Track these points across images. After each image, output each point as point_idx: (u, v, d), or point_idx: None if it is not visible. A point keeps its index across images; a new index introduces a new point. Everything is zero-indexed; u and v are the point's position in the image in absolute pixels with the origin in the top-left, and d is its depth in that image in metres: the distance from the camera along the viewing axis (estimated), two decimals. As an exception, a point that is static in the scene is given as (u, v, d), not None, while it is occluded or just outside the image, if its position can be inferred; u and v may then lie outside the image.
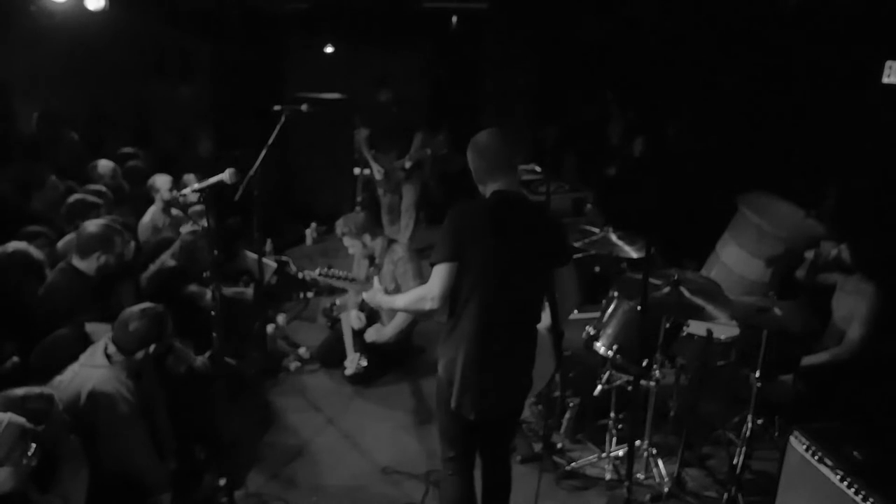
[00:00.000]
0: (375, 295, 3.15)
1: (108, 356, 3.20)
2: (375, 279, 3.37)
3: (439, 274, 2.69)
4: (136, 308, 3.30)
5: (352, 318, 4.84)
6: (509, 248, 2.70)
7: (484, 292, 2.70)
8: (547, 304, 2.94)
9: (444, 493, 3.09)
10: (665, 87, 6.71)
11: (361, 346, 4.84)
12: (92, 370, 3.15)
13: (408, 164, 6.64)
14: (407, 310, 3.04)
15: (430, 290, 2.70)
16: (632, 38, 7.16)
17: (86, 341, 3.43)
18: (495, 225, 2.70)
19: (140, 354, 3.22)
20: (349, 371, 4.79)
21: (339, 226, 4.77)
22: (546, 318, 2.93)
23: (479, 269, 2.68)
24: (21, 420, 2.53)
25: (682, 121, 6.73)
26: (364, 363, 4.78)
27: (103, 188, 4.99)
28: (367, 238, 4.74)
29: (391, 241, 4.88)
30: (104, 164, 5.63)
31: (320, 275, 3.60)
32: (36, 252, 3.84)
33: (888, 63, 4.86)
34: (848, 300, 4.08)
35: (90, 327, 3.50)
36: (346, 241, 4.79)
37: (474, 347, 2.74)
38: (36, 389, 2.80)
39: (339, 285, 3.72)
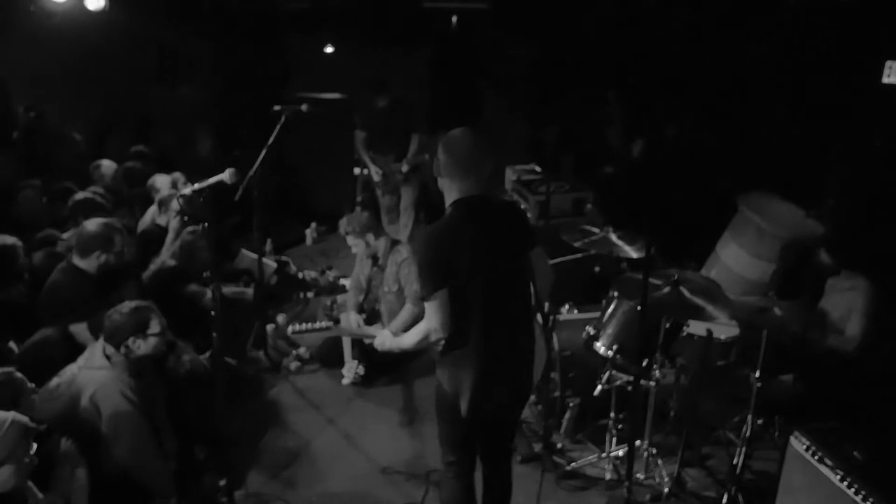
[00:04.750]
0: (385, 341, 3.13)
1: (107, 357, 3.19)
2: (380, 329, 3.33)
3: (432, 307, 2.69)
4: (124, 303, 3.30)
5: (351, 322, 4.84)
6: (488, 256, 2.71)
7: (479, 306, 2.71)
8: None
9: (443, 496, 3.09)
10: (665, 87, 6.71)
11: (360, 352, 4.83)
12: (92, 372, 3.15)
13: (405, 169, 6.64)
14: (417, 348, 2.99)
15: (430, 325, 2.72)
16: (632, 37, 7.16)
17: (70, 342, 3.42)
18: (467, 239, 2.70)
19: (124, 349, 3.18)
20: (347, 380, 4.79)
21: (343, 225, 4.79)
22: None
23: (468, 286, 2.69)
24: (24, 419, 2.54)
25: (681, 121, 6.73)
26: (361, 372, 4.78)
27: (101, 190, 5.01)
28: (370, 237, 4.75)
29: (395, 242, 4.88)
30: (107, 165, 5.64)
31: (293, 333, 3.55)
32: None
33: (888, 63, 4.86)
34: (842, 298, 4.07)
35: (74, 328, 3.49)
36: (350, 241, 4.80)
37: (483, 359, 2.74)
38: (4, 372, 2.81)
39: (312, 336, 3.66)
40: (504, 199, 4.80)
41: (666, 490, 3.69)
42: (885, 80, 4.90)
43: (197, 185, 3.28)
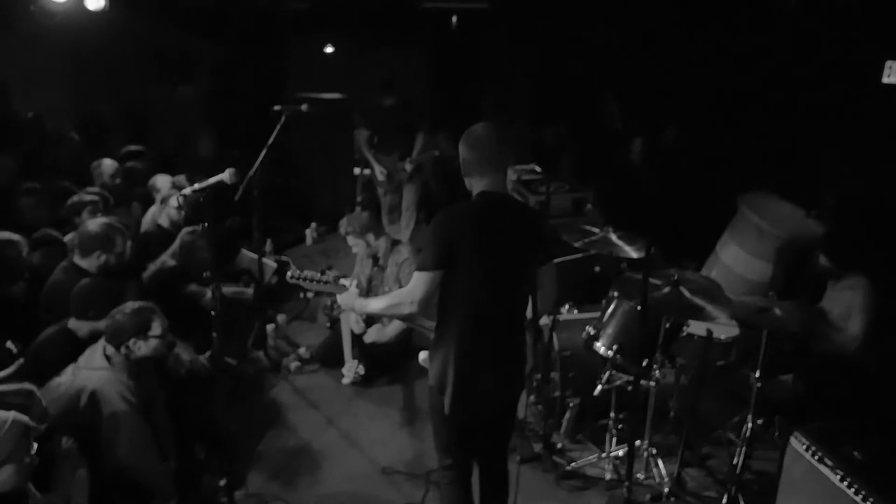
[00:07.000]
0: (350, 298, 3.08)
1: (107, 357, 3.19)
2: (349, 281, 3.22)
3: (423, 280, 2.67)
4: (127, 303, 3.30)
5: (351, 321, 4.84)
6: (496, 252, 2.69)
7: (473, 297, 2.69)
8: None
9: (442, 500, 3.08)
10: (665, 87, 6.71)
11: (360, 352, 4.83)
12: (92, 372, 3.14)
13: (408, 167, 6.64)
14: (384, 313, 2.98)
15: (411, 295, 2.69)
16: (632, 38, 7.16)
17: (72, 339, 3.41)
18: (482, 230, 2.68)
19: (124, 350, 3.18)
20: (347, 380, 4.80)
21: (343, 225, 4.79)
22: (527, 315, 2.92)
23: (468, 274, 2.67)
24: (25, 418, 2.53)
25: (681, 121, 6.73)
26: (362, 371, 4.78)
27: (97, 189, 5.00)
28: (370, 237, 4.76)
29: (395, 242, 4.88)
30: (108, 164, 5.63)
31: (291, 278, 3.53)
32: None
33: (888, 63, 4.86)
34: (842, 296, 4.06)
35: (73, 324, 3.48)
36: (350, 241, 4.80)
37: (466, 353, 2.73)
38: (14, 385, 2.80)
39: (312, 288, 3.62)
40: (529, 206, 4.76)
41: (666, 490, 3.69)
42: (885, 80, 4.90)
43: (197, 185, 3.28)
